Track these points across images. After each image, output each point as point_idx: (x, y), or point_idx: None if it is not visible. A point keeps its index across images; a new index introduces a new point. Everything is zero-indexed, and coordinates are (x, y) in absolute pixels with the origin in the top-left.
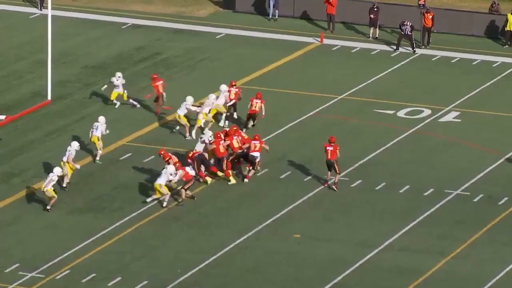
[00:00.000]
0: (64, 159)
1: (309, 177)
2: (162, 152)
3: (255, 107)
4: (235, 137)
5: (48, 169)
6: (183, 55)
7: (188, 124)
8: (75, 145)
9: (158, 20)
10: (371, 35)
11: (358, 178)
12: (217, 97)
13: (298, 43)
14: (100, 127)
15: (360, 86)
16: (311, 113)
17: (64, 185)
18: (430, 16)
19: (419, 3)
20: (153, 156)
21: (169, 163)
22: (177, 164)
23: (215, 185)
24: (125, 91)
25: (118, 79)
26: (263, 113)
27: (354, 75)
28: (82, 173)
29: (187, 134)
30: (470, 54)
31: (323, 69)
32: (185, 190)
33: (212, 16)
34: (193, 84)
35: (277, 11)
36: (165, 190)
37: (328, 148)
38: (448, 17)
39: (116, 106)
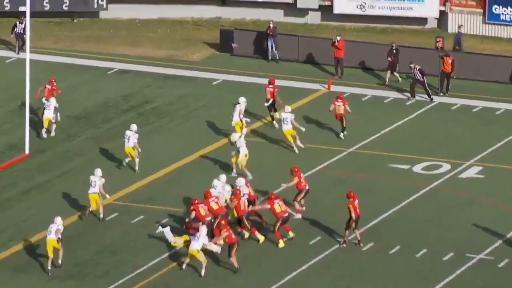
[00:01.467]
0: (95, 190)
1: (315, 239)
2: (197, 209)
3: (339, 110)
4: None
5: (26, 230)
6: (175, 103)
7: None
8: (99, 172)
9: (148, 64)
10: (387, 80)
11: (370, 240)
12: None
13: (302, 90)
14: (132, 137)
15: (372, 137)
16: (316, 168)
17: (101, 216)
18: (450, 60)
19: (437, 45)
20: (142, 216)
21: (203, 223)
22: (223, 222)
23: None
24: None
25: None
26: (350, 111)
27: (365, 125)
28: (64, 235)
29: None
30: (493, 103)
31: (331, 119)
32: (231, 257)
33: (207, 60)
34: (187, 135)
35: (276, 52)
36: (203, 257)
37: (355, 203)
38: (469, 61)
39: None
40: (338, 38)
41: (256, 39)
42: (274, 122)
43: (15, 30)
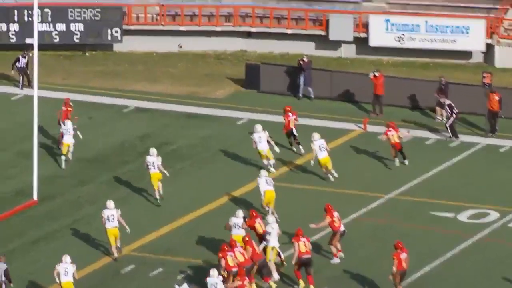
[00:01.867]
0: (114, 224)
1: None
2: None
3: (394, 139)
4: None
5: (34, 285)
6: (197, 144)
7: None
8: (112, 204)
9: (167, 102)
10: (440, 118)
11: None
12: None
13: (336, 130)
14: (156, 161)
15: (413, 183)
16: (352, 216)
17: (116, 255)
18: (497, 98)
19: (484, 81)
20: (160, 269)
21: (229, 273)
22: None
23: None
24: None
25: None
26: (402, 136)
27: (405, 169)
28: None
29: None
30: None
31: (367, 162)
32: None
33: (231, 98)
34: (210, 180)
35: (311, 89)
36: None
37: (401, 256)
38: None
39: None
40: (377, 73)
41: (285, 74)
42: (300, 147)
43: (17, 64)
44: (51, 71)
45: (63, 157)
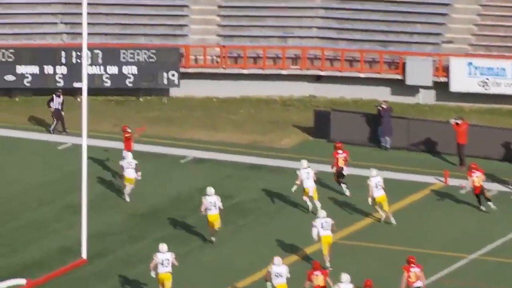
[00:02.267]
0: (167, 269)
1: None
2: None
3: (479, 182)
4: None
5: None
6: (261, 198)
7: None
8: (165, 247)
9: (228, 152)
10: None
11: None
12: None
13: (413, 183)
14: (217, 201)
15: (499, 242)
16: (432, 278)
17: None
18: None
19: None
20: None
21: None
22: None
23: None
24: None
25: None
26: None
27: (490, 226)
28: None
29: None
30: None
31: (448, 219)
32: None
33: (298, 147)
34: (275, 237)
35: (387, 138)
36: None
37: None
38: None
39: None
40: (459, 120)
41: (357, 122)
42: (347, 190)
43: (51, 104)
44: (102, 117)
45: (126, 190)
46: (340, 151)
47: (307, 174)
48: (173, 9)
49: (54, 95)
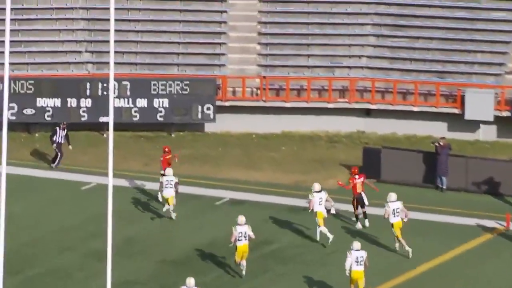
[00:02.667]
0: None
1: None
2: None
3: None
4: None
5: None
6: (303, 244)
7: None
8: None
9: (268, 193)
10: None
11: None
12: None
13: (471, 228)
14: (248, 231)
15: None
16: None
17: None
18: None
19: None
20: None
21: None
22: None
23: None
24: None
25: None
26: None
27: None
28: None
29: None
30: None
31: (509, 268)
32: None
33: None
34: None
35: (444, 178)
36: None
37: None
38: None
39: None
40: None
41: (411, 160)
42: (358, 223)
43: (54, 138)
44: (130, 155)
45: (169, 208)
46: (356, 176)
47: (320, 199)
48: (209, 37)
49: (57, 128)
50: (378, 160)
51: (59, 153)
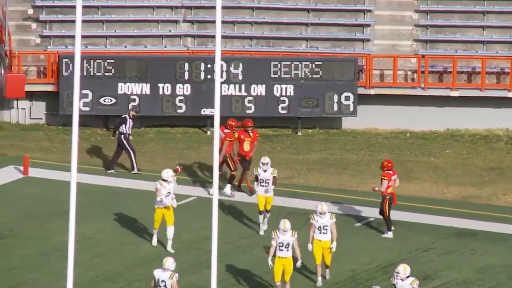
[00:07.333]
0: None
1: None
2: None
3: None
4: None
5: None
6: (474, 281)
7: None
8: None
9: (427, 212)
10: None
11: None
12: None
13: None
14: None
15: None
16: None
17: None
18: None
19: None
20: None
21: None
22: None
23: None
24: None
25: None
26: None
27: None
28: None
29: None
30: None
31: None
32: None
33: None
34: None
35: None
36: None
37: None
38: None
39: None
40: None
41: None
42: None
43: (121, 129)
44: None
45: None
46: (390, 172)
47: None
48: (349, 2)
49: (126, 116)
50: None
51: (131, 151)
